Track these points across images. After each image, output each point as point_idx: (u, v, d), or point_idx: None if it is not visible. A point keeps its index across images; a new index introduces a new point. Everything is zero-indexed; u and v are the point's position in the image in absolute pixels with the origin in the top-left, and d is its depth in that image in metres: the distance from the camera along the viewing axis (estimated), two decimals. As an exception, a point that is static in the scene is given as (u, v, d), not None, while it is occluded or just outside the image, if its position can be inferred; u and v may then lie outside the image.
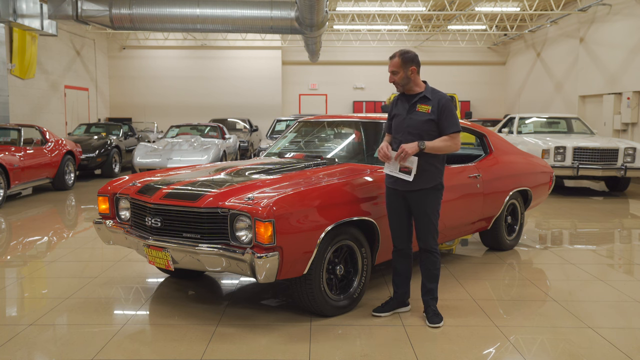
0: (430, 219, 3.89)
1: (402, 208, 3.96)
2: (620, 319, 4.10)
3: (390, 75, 3.91)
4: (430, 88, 3.94)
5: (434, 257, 3.94)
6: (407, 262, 4.07)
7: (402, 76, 3.86)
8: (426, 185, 3.85)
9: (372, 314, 4.07)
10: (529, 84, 20.66)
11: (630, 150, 9.77)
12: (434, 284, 3.99)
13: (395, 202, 3.98)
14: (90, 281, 4.92)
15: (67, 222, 8.15)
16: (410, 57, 3.86)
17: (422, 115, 3.85)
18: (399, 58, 3.86)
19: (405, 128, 3.89)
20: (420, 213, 3.89)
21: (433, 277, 3.97)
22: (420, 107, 3.87)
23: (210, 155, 11.42)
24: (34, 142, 10.27)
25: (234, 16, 12.57)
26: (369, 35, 22.28)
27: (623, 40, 13.93)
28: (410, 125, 3.87)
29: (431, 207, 3.89)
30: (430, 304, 3.99)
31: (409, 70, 3.85)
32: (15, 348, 3.53)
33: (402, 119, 3.92)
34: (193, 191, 3.93)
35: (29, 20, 13.24)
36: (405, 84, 3.89)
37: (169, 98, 22.50)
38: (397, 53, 3.89)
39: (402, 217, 3.98)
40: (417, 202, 3.88)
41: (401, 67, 3.85)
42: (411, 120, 3.87)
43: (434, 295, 4.01)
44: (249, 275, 3.61)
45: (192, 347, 3.53)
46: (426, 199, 3.87)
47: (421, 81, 3.96)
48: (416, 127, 3.84)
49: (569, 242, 6.78)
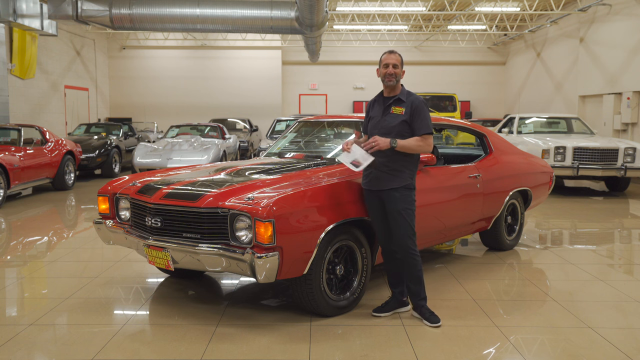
0: (403, 219, 3.86)
1: (379, 208, 3.97)
2: (620, 319, 4.10)
3: (390, 67, 3.89)
4: (405, 91, 3.98)
5: (413, 259, 3.90)
6: (396, 262, 4.06)
7: (400, 71, 3.92)
8: (396, 184, 3.86)
9: (372, 314, 4.08)
10: (529, 84, 20.66)
11: (630, 150, 9.77)
12: (418, 286, 3.95)
13: (372, 202, 3.99)
14: (90, 281, 4.92)
15: (67, 222, 8.15)
16: (402, 59, 3.98)
17: (395, 116, 3.89)
18: (399, 55, 3.96)
19: (379, 129, 3.93)
20: (393, 212, 3.87)
21: (416, 279, 3.93)
22: (395, 109, 3.92)
23: (210, 155, 11.42)
24: (34, 142, 10.27)
25: (234, 16, 12.57)
26: (369, 35, 22.28)
27: (623, 40, 13.93)
28: (384, 126, 3.92)
29: (403, 206, 3.86)
30: (422, 304, 3.98)
31: (402, 70, 3.95)
32: (15, 348, 3.53)
33: (377, 121, 3.98)
34: (193, 191, 3.93)
35: (29, 20, 13.23)
36: (398, 80, 3.93)
37: (169, 98, 22.50)
38: (394, 51, 3.97)
39: (381, 217, 3.98)
40: (389, 202, 3.88)
41: (401, 64, 3.93)
42: (385, 122, 3.93)
43: (422, 296, 3.98)
44: (249, 275, 3.61)
45: (192, 347, 3.53)
46: (397, 198, 3.85)
47: (400, 84, 4.01)
48: (389, 128, 3.89)
49: (569, 242, 6.78)
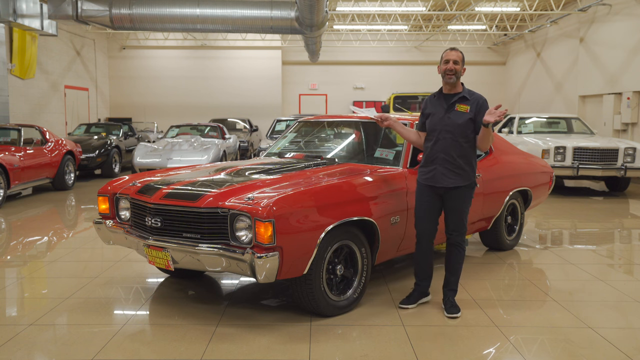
0: (462, 215, 4.04)
1: (432, 204, 4.08)
2: (620, 319, 4.10)
3: (451, 63, 3.93)
4: (467, 90, 4.05)
5: (459, 251, 4.10)
6: (429, 256, 4.20)
7: (460, 69, 3.97)
8: (462, 183, 3.98)
9: (399, 306, 4.20)
10: (529, 84, 20.66)
11: (630, 150, 9.77)
12: (454, 277, 4.14)
13: (427, 198, 4.08)
14: (90, 281, 4.92)
15: (67, 222, 8.15)
16: (464, 57, 4.02)
17: (461, 114, 3.96)
18: (460, 53, 3.99)
19: (443, 126, 3.99)
20: (454, 209, 4.03)
21: (455, 270, 4.13)
22: (460, 106, 3.98)
23: (210, 155, 11.42)
24: (34, 142, 10.27)
25: (234, 16, 12.57)
26: (369, 35, 22.27)
27: (623, 40, 13.93)
28: (448, 124, 3.98)
29: (464, 204, 4.04)
30: (449, 295, 4.14)
31: (463, 68, 3.99)
32: (15, 348, 3.53)
33: (439, 118, 4.02)
34: (193, 191, 3.92)
35: (29, 20, 13.23)
36: (459, 77, 3.99)
37: (169, 98, 22.50)
38: (456, 48, 4.01)
39: (431, 214, 4.10)
40: (452, 199, 4.02)
41: (462, 60, 3.98)
42: (449, 119, 3.98)
43: (453, 287, 4.15)
44: (249, 275, 3.61)
45: (192, 347, 3.53)
46: (461, 195, 4.01)
47: (460, 82, 4.08)
48: (454, 125, 3.96)
49: (569, 242, 6.78)
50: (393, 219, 4.29)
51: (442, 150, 3.97)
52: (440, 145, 3.99)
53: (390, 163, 4.76)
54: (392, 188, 4.35)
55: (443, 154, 3.97)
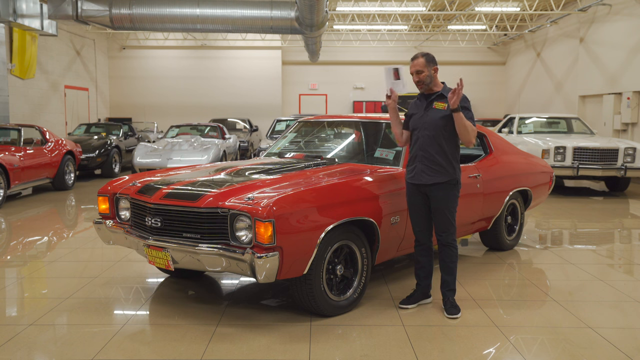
0: (448, 216, 4.04)
1: (421, 203, 4.11)
2: (620, 319, 4.10)
3: (414, 75, 4.04)
4: (447, 88, 4.09)
5: (451, 250, 4.09)
6: (428, 256, 4.21)
7: (427, 74, 4.02)
8: (441, 179, 3.99)
9: (399, 306, 4.20)
10: (529, 84, 20.66)
11: (630, 150, 9.77)
12: (450, 277, 4.14)
13: (415, 197, 4.13)
14: (90, 281, 4.92)
15: (67, 222, 8.15)
16: (431, 57, 4.06)
17: (437, 112, 4.01)
18: (422, 58, 4.04)
19: (422, 125, 4.05)
20: (437, 207, 4.04)
21: (449, 269, 4.13)
22: (437, 104, 4.03)
23: (210, 155, 11.42)
24: (34, 142, 10.27)
25: (234, 16, 12.56)
26: (369, 35, 22.28)
27: (623, 40, 13.93)
28: (426, 121, 4.03)
29: (446, 202, 4.03)
30: (448, 295, 4.14)
31: (432, 69, 4.03)
32: (15, 348, 3.53)
33: (419, 117, 4.09)
34: (193, 191, 3.92)
35: (29, 20, 13.23)
36: (429, 82, 4.04)
37: (169, 98, 22.50)
38: (419, 54, 4.07)
39: (422, 212, 4.13)
40: (435, 199, 4.03)
41: (425, 66, 4.02)
42: (427, 117, 4.03)
43: (451, 287, 4.15)
44: (249, 275, 3.61)
45: (192, 347, 3.53)
46: (442, 193, 4.01)
47: (439, 81, 4.12)
48: (432, 123, 4.00)
49: (569, 242, 6.78)
50: (393, 219, 4.30)
51: (421, 148, 4.04)
52: (420, 143, 4.06)
53: (390, 163, 4.77)
54: (392, 188, 4.35)
55: (422, 152, 4.03)
